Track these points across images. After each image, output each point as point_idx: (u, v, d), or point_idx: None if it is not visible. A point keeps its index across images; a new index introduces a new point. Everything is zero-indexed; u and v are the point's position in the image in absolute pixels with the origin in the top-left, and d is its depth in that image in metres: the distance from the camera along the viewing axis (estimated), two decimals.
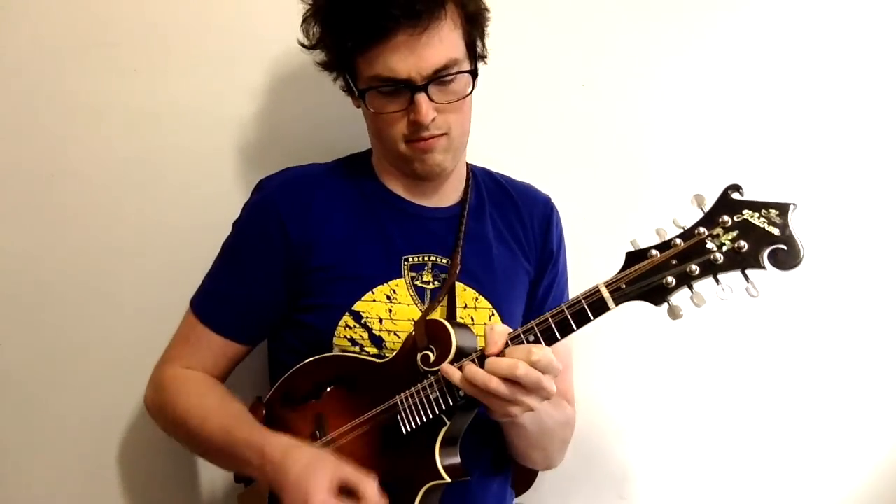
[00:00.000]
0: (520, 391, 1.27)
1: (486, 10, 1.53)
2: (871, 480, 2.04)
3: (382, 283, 1.51)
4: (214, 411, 1.49)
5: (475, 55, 1.53)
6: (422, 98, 1.42)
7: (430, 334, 1.39)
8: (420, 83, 1.41)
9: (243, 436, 1.42)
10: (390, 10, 1.36)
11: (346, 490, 1.30)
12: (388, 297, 1.51)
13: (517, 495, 1.71)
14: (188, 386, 1.54)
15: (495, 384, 1.26)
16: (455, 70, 1.44)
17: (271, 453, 1.36)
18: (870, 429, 2.05)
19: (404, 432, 1.37)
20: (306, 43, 1.54)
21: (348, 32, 1.41)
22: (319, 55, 1.55)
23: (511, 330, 1.32)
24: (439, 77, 1.42)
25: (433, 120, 1.44)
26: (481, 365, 1.29)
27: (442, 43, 1.42)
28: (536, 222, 1.71)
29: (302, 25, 1.53)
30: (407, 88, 1.42)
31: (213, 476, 1.90)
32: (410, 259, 1.55)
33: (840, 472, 2.06)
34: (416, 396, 1.36)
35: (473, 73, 1.49)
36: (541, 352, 1.26)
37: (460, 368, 1.31)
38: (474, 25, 1.51)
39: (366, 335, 1.48)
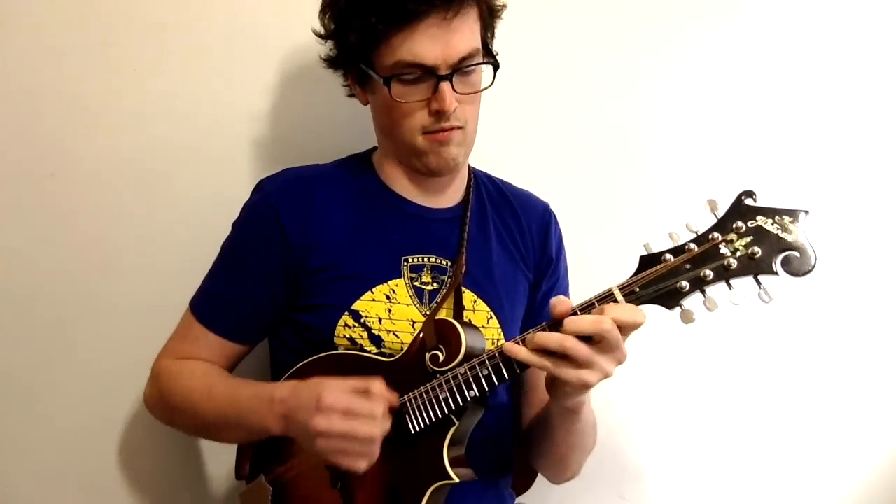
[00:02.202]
0: (597, 351, 1.22)
1: (504, 7, 1.54)
2: (870, 479, 2.07)
3: (382, 283, 1.51)
4: (219, 382, 1.50)
5: (489, 51, 1.53)
6: (446, 86, 1.42)
7: (439, 334, 1.39)
8: (445, 71, 1.41)
9: (248, 390, 1.44)
10: None
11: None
12: (388, 297, 1.51)
13: (517, 495, 1.72)
14: (189, 368, 1.54)
15: (571, 343, 1.20)
16: (476, 61, 1.45)
17: (279, 392, 1.38)
18: (872, 435, 2.08)
19: (412, 432, 1.37)
20: (323, 33, 1.54)
21: (377, 14, 1.39)
22: (330, 49, 1.55)
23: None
24: (463, 67, 1.43)
25: (454, 110, 1.44)
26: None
27: (470, 31, 1.43)
28: (535, 229, 1.71)
29: (320, 15, 1.53)
30: (431, 76, 1.42)
31: (213, 475, 1.89)
32: (410, 259, 1.55)
33: (841, 478, 2.09)
34: (424, 396, 1.36)
35: (495, 66, 1.50)
36: (633, 310, 1.22)
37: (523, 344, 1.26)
38: (492, 21, 1.52)
39: (365, 334, 1.48)
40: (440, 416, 1.35)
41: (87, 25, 1.79)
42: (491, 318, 1.57)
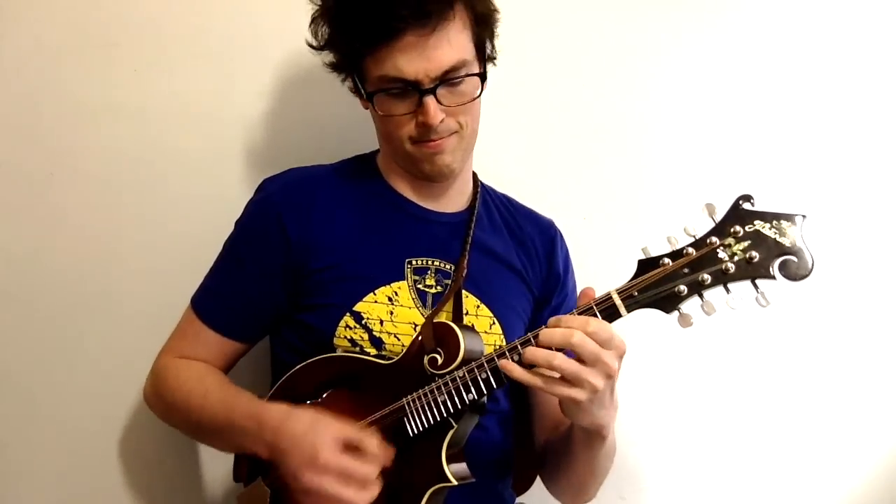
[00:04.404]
0: (582, 367, 1.21)
1: (496, 10, 1.53)
2: (870, 480, 2.07)
3: (385, 285, 1.51)
4: (215, 390, 1.49)
5: (484, 57, 1.52)
6: (430, 100, 1.41)
7: (437, 337, 1.39)
8: (428, 85, 1.41)
9: (241, 407, 1.43)
10: (399, 11, 1.35)
11: (349, 447, 1.30)
12: (390, 299, 1.50)
13: (517, 495, 1.71)
14: (189, 370, 1.54)
15: (559, 360, 1.20)
16: (464, 72, 1.44)
17: (270, 419, 1.36)
18: (871, 439, 2.08)
19: (410, 434, 1.36)
20: (315, 44, 1.53)
21: (356, 33, 1.40)
22: (328, 56, 1.54)
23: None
24: (448, 79, 1.42)
25: (441, 122, 1.44)
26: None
27: (451, 44, 1.41)
28: (539, 244, 1.71)
29: (310, 26, 1.52)
30: (415, 90, 1.41)
31: (213, 476, 1.89)
32: (414, 262, 1.55)
33: (840, 479, 2.09)
34: (423, 399, 1.35)
35: (482, 76, 1.49)
36: (597, 323, 1.22)
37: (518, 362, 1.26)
38: (483, 27, 1.50)
39: (366, 336, 1.48)
40: (438, 419, 1.35)
41: (87, 25, 1.79)
42: (494, 323, 1.56)
